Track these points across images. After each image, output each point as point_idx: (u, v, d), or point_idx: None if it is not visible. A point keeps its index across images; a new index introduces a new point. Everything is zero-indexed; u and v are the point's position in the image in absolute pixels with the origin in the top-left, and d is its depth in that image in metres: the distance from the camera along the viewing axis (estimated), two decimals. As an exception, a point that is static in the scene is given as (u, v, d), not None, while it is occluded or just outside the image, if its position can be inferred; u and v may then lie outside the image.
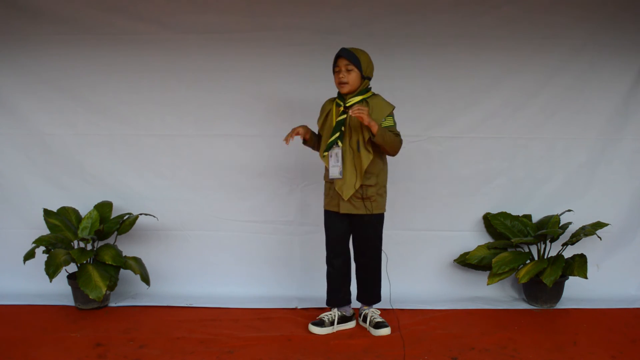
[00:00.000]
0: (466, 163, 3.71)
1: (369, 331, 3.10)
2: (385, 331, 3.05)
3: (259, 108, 3.66)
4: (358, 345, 2.93)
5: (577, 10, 3.59)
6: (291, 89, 3.60)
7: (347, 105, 2.96)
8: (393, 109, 3.00)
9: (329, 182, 3.04)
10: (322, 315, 3.15)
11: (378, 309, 3.24)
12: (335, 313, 3.14)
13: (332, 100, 3.09)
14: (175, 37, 3.60)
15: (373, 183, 2.98)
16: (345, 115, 2.95)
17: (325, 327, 3.08)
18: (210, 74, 3.63)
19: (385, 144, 2.88)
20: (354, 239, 3.13)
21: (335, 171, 2.96)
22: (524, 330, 3.15)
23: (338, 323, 3.12)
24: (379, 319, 3.11)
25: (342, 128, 2.94)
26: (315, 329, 3.06)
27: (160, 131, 3.67)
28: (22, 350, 2.84)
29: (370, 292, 3.17)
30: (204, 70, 3.63)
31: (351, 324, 3.18)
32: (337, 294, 3.17)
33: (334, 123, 2.97)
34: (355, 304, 3.26)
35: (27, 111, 3.64)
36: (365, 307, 3.20)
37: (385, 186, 3.07)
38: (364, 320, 3.16)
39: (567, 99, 3.67)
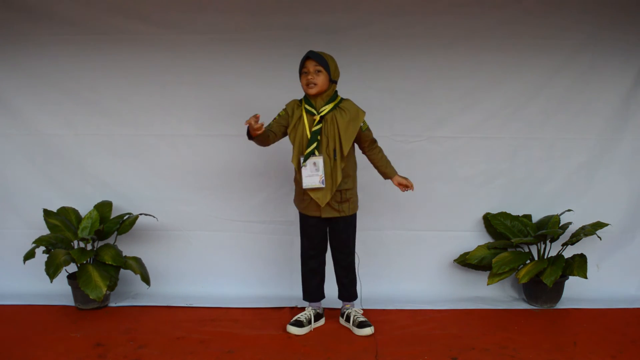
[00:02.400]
0: (466, 163, 3.71)
1: (351, 330, 3.11)
2: (368, 330, 3.05)
3: (259, 108, 3.64)
4: (358, 345, 2.93)
5: (578, 10, 3.59)
6: (291, 89, 3.59)
7: (321, 114, 2.95)
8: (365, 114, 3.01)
9: (303, 189, 3.03)
10: (298, 315, 3.16)
11: (361, 308, 3.28)
12: (310, 312, 3.17)
13: (298, 104, 3.05)
14: (175, 37, 3.60)
15: (351, 186, 3.06)
16: (320, 125, 2.95)
17: (304, 327, 3.09)
18: (210, 74, 3.63)
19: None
20: (333, 240, 3.15)
21: (314, 180, 2.96)
22: (524, 330, 3.15)
23: (314, 321, 3.15)
24: (362, 319, 3.12)
25: (319, 137, 2.95)
26: (294, 330, 3.07)
27: (160, 131, 3.67)
28: (22, 350, 2.84)
29: (351, 289, 3.23)
30: (204, 70, 3.63)
31: (323, 321, 3.22)
32: (313, 290, 3.22)
33: (308, 132, 2.96)
34: (332, 304, 3.32)
35: (27, 111, 3.64)
36: (347, 307, 3.22)
37: (357, 186, 3.14)
38: (347, 319, 3.17)
39: (567, 99, 3.67)
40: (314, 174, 2.96)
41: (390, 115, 3.65)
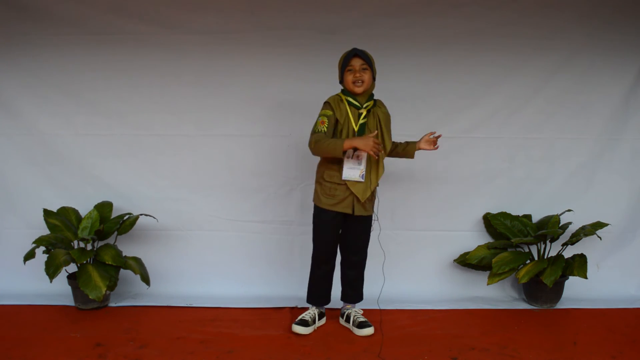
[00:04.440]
0: (466, 163, 3.71)
1: (351, 331, 3.11)
2: (369, 331, 3.05)
3: (259, 108, 3.66)
4: (358, 345, 2.93)
5: (577, 10, 3.60)
6: (291, 89, 3.61)
7: (367, 108, 2.96)
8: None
9: (336, 184, 2.98)
10: (303, 315, 3.14)
11: (362, 308, 3.26)
12: (314, 311, 3.16)
13: (339, 98, 2.99)
14: (175, 37, 3.60)
15: (377, 184, 3.07)
16: (366, 119, 2.95)
17: (309, 326, 3.08)
18: (210, 74, 3.63)
19: None
20: (349, 239, 3.12)
21: (355, 173, 2.94)
22: (524, 330, 3.15)
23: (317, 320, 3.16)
24: (362, 319, 3.11)
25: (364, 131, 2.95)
26: (300, 329, 3.05)
27: (161, 131, 3.67)
28: (22, 350, 2.83)
29: (358, 290, 3.23)
30: (204, 70, 3.63)
31: (324, 320, 3.22)
32: (323, 294, 3.21)
33: (355, 126, 2.94)
34: (332, 304, 3.30)
35: (28, 111, 3.64)
36: (347, 307, 3.22)
37: None
38: (347, 320, 3.16)
39: (567, 99, 3.67)
40: (355, 167, 2.95)
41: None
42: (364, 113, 2.96)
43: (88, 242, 3.43)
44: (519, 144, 3.71)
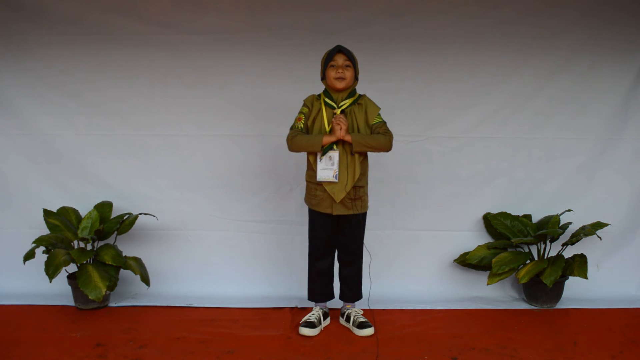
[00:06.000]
0: (466, 163, 3.71)
1: (351, 331, 3.10)
2: (369, 331, 3.04)
3: (259, 108, 3.66)
4: (358, 345, 2.93)
5: (577, 10, 3.59)
6: (291, 89, 3.60)
7: (341, 108, 2.98)
8: (379, 110, 3.05)
9: (316, 184, 3.03)
10: (308, 316, 3.13)
11: (361, 309, 3.26)
12: (318, 311, 3.16)
13: (316, 97, 3.06)
14: (176, 37, 3.60)
15: (363, 184, 3.05)
16: None
17: (316, 327, 3.07)
18: (211, 74, 3.63)
19: (369, 148, 2.94)
20: (341, 239, 3.13)
21: (328, 174, 2.96)
22: (524, 330, 3.15)
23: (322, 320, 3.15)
24: (362, 319, 3.11)
25: None
26: (307, 331, 3.04)
27: (161, 131, 3.67)
28: (22, 350, 2.84)
29: (356, 289, 3.22)
30: (204, 70, 3.63)
31: (329, 320, 3.21)
32: (323, 291, 3.22)
33: (327, 126, 2.97)
34: (331, 303, 3.30)
35: (28, 111, 3.64)
36: (347, 307, 3.21)
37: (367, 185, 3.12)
38: (347, 319, 3.16)
39: (567, 99, 3.67)
40: (328, 168, 2.96)
41: (389, 115, 3.62)
42: (338, 112, 2.97)
43: (88, 242, 3.43)
44: (519, 144, 3.71)
